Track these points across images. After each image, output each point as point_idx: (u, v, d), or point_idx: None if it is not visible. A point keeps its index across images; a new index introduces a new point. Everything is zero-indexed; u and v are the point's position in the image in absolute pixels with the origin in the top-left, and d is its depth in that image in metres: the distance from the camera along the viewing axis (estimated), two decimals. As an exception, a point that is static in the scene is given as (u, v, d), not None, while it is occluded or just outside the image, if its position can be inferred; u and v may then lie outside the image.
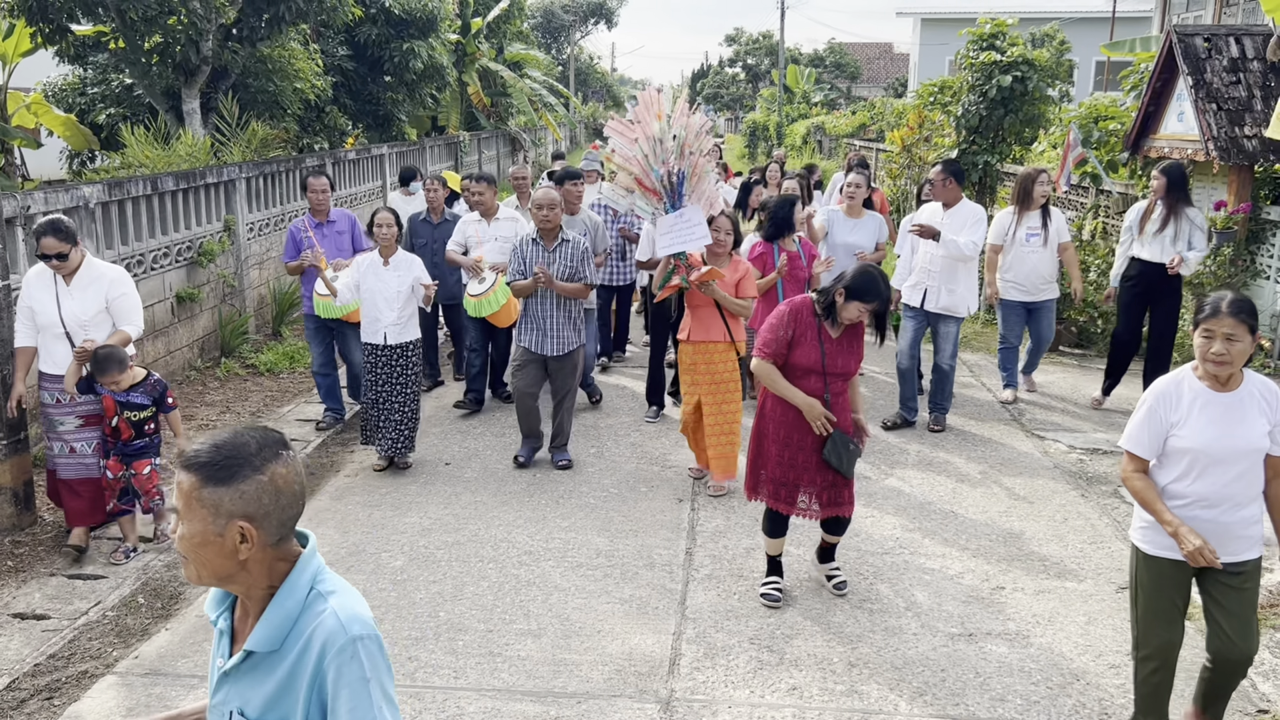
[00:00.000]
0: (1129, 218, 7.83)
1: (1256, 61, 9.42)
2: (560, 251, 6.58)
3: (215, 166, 9.83)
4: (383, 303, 6.57)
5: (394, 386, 6.64)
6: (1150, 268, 7.56)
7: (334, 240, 7.56)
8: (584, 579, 5.18)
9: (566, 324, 6.65)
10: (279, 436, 1.87)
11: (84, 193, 7.41)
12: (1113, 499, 6.26)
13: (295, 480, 1.86)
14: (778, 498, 4.78)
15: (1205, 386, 3.41)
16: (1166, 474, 3.48)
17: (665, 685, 4.21)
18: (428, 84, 17.50)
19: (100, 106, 13.64)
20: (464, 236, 7.96)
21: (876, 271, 4.55)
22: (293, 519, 1.87)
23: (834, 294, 4.56)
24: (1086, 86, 30.53)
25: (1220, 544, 3.38)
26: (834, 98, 43.19)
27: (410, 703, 4.07)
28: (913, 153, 14.72)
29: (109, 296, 5.37)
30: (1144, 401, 3.50)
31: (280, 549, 1.86)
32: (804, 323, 4.64)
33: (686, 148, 6.19)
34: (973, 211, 7.36)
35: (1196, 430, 3.38)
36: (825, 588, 5.03)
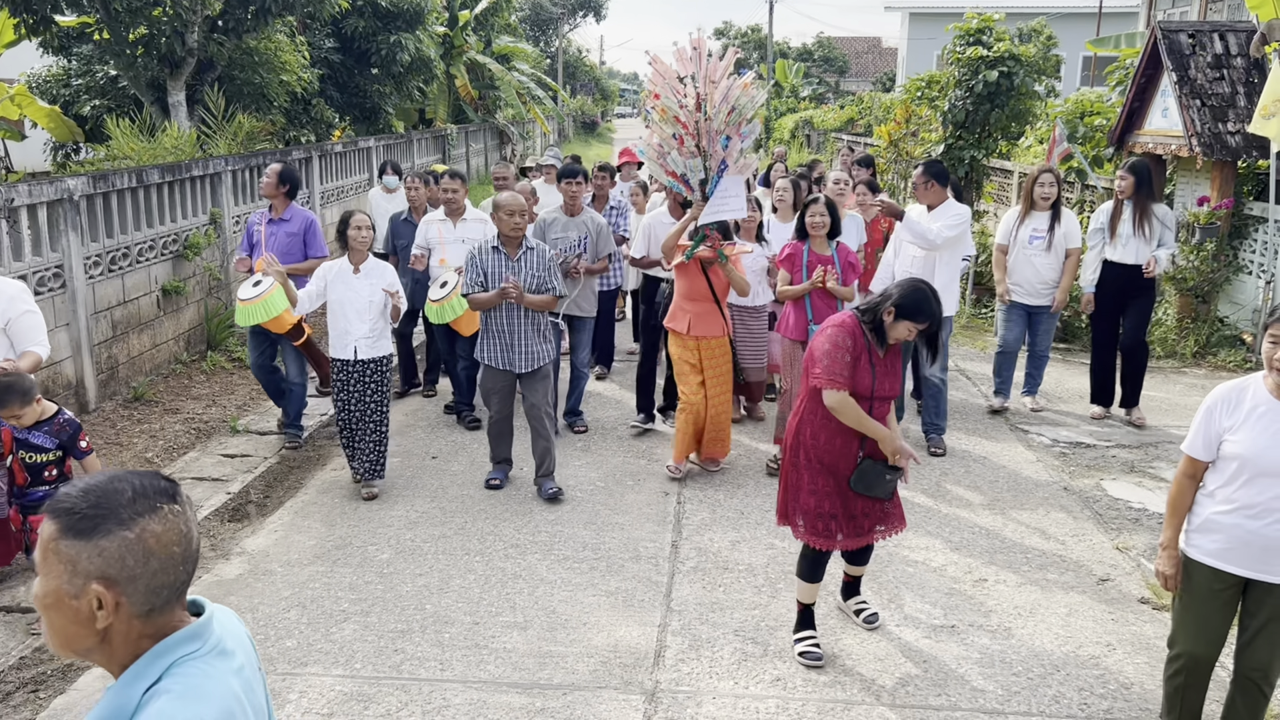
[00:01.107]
0: (1097, 220, 7.59)
1: (1240, 58, 9.49)
2: (525, 261, 6.00)
3: (201, 159, 9.79)
4: (353, 314, 6.01)
5: (366, 406, 6.10)
6: (1124, 270, 7.37)
7: (282, 241, 6.93)
8: (570, 572, 5.20)
9: (535, 336, 6.09)
10: (166, 486, 1.59)
11: (68, 185, 7.38)
12: (1095, 492, 6.32)
13: (175, 540, 1.56)
14: (814, 530, 4.27)
15: (1269, 394, 3.29)
16: (1217, 478, 3.41)
17: (650, 677, 4.24)
18: (415, 76, 17.46)
19: (85, 98, 13.56)
20: (426, 239, 7.49)
21: (927, 288, 4.13)
22: (170, 587, 1.56)
23: (881, 313, 4.13)
24: (1073, 82, 30.65)
25: (1269, 559, 3.32)
26: (822, 92, 43.19)
27: (396, 695, 4.09)
28: (900, 147, 14.76)
29: (7, 315, 4.72)
30: (1204, 403, 3.44)
31: (152, 622, 1.55)
32: (859, 345, 4.15)
33: (745, 117, 5.93)
34: (957, 212, 7.02)
35: (1249, 437, 3.28)
36: (855, 623, 4.66)
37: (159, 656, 1.54)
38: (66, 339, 7.34)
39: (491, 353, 6.09)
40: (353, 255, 6.04)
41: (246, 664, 1.68)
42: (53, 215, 7.26)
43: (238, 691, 1.59)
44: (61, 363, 7.28)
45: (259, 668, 1.78)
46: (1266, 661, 3.41)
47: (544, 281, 6.01)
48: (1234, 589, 3.42)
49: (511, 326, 6.02)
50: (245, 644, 1.73)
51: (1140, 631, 4.62)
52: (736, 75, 6.00)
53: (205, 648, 1.59)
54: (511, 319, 6.01)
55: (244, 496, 6.25)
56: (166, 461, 6.74)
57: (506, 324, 6.03)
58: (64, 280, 7.32)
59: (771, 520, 5.83)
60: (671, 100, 5.89)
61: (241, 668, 1.65)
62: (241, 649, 1.69)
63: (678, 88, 5.89)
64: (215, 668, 1.58)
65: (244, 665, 1.66)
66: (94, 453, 4.74)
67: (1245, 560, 3.35)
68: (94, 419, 7.41)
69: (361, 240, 6.00)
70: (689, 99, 5.86)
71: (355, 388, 6.10)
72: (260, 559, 5.37)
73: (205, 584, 5.09)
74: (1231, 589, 3.42)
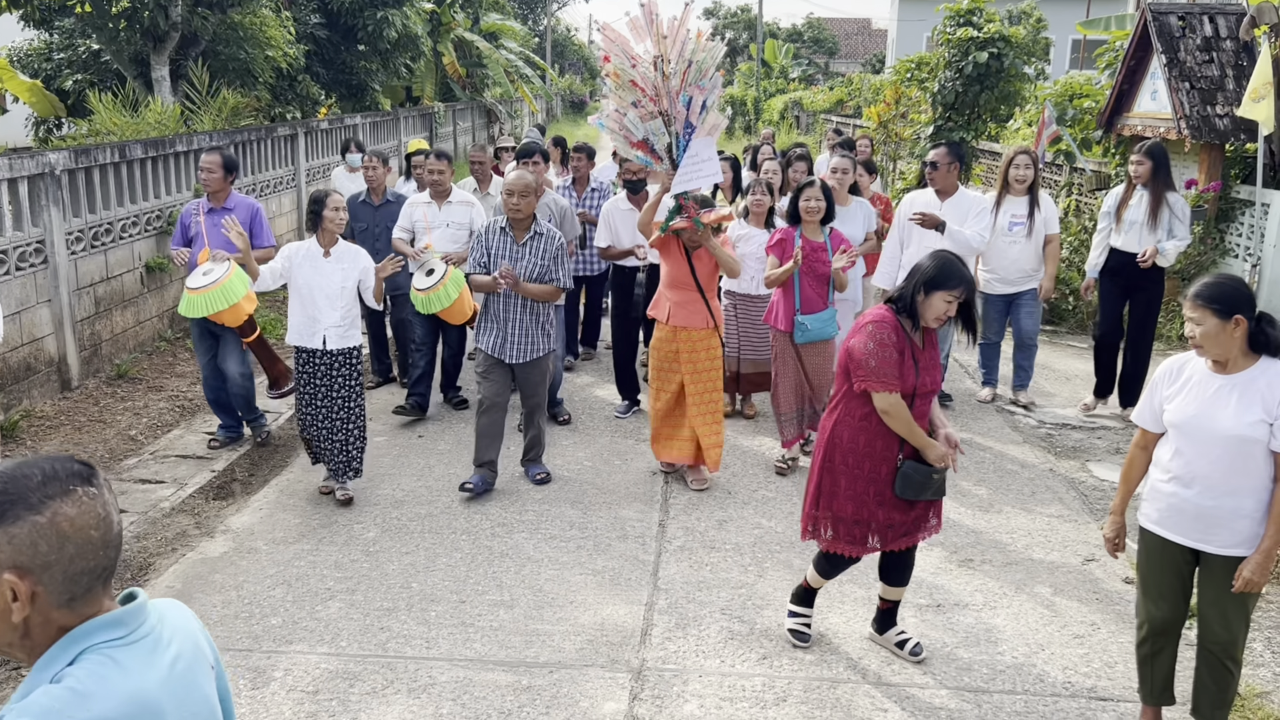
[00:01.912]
0: (1106, 204, 7.22)
1: (1230, 40, 9.48)
2: (531, 246, 5.70)
3: (185, 135, 9.69)
4: (323, 300, 5.57)
5: (334, 401, 5.65)
6: (1131, 259, 6.98)
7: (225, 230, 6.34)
8: (557, 550, 5.19)
9: (534, 327, 5.78)
10: (80, 469, 1.50)
11: (50, 159, 7.29)
12: (1081, 473, 6.34)
13: (92, 523, 1.47)
14: (851, 539, 4.02)
15: (1207, 367, 3.38)
16: (1162, 448, 3.52)
17: (637, 655, 4.24)
18: (402, 53, 17.30)
19: (67, 72, 13.40)
20: (411, 221, 7.03)
21: (952, 255, 3.92)
22: (90, 573, 1.48)
23: (911, 293, 3.85)
24: (1062, 64, 30.65)
25: (1202, 530, 3.38)
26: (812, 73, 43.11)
27: (382, 673, 4.08)
28: (889, 129, 14.73)
29: None
30: (1153, 375, 3.57)
31: (75, 612, 1.48)
32: (902, 339, 3.88)
33: (708, 73, 5.50)
34: (974, 201, 6.79)
35: (1180, 406, 3.40)
36: (900, 657, 4.22)
37: (72, 642, 1.46)
38: (48, 315, 7.27)
39: (488, 339, 5.80)
40: (324, 237, 5.61)
41: (186, 658, 1.60)
42: (34, 190, 7.18)
43: (153, 689, 1.49)
44: (43, 339, 7.21)
45: (212, 664, 1.69)
46: (1224, 635, 3.44)
47: (548, 271, 5.71)
48: (1185, 557, 3.49)
49: (508, 315, 5.74)
50: (191, 639, 1.64)
51: (1124, 611, 4.64)
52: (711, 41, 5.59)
53: (130, 636, 1.50)
54: (509, 307, 5.73)
55: (229, 474, 6.21)
56: (150, 439, 6.69)
57: (503, 311, 5.74)
58: (45, 256, 7.24)
59: (759, 500, 5.84)
60: (625, 64, 5.45)
61: (176, 660, 1.56)
62: (183, 643, 1.61)
63: (631, 51, 5.46)
64: (132, 659, 1.49)
65: (180, 658, 1.58)
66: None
67: (1184, 528, 3.43)
68: (77, 396, 7.35)
69: (338, 222, 5.61)
70: (645, 61, 5.43)
71: (323, 381, 5.66)
72: (245, 537, 5.35)
73: (190, 562, 5.06)
74: (1183, 557, 3.49)
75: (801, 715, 3.85)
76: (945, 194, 6.73)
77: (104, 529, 1.49)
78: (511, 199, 5.60)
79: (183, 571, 4.97)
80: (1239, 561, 3.36)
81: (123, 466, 6.23)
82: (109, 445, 6.55)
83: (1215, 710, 3.56)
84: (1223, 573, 3.40)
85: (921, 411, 3.95)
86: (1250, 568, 3.31)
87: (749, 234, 6.88)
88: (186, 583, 4.85)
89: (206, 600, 4.67)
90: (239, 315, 6.07)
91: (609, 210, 7.02)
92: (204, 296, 5.89)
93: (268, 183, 11.75)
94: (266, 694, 3.94)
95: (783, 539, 5.33)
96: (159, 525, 5.45)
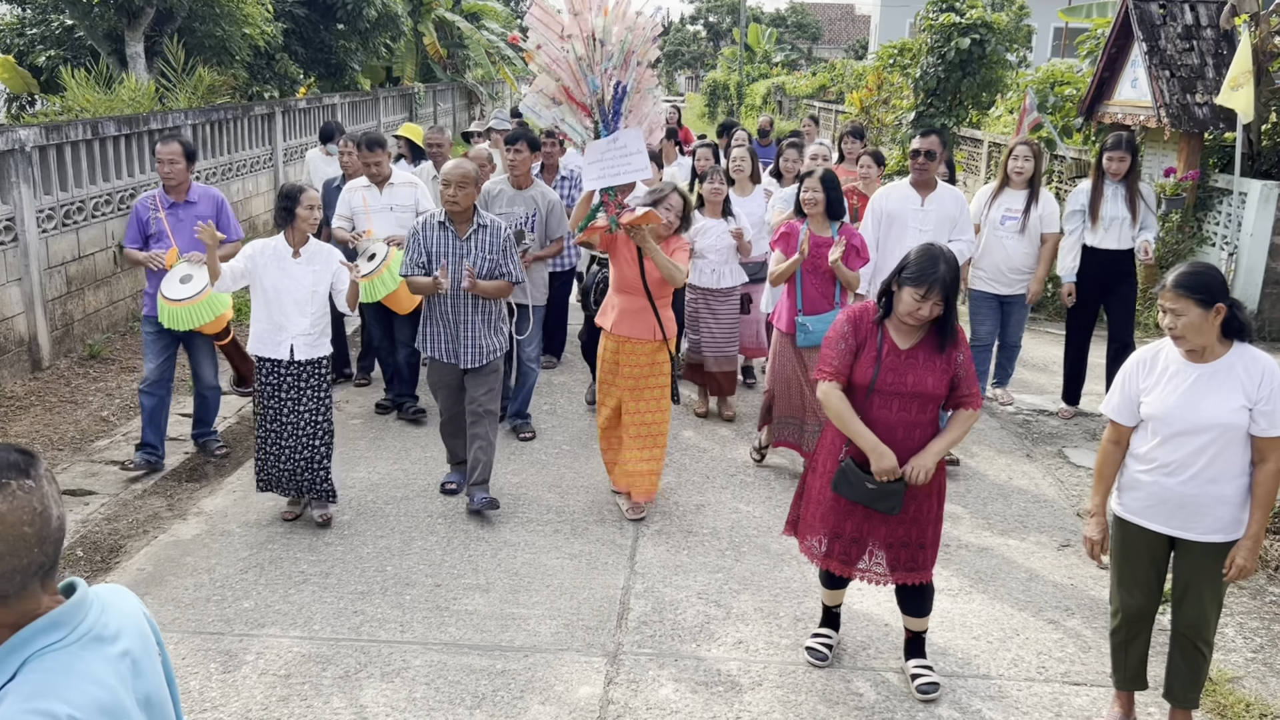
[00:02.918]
0: (1076, 202, 6.71)
1: (1210, 29, 9.50)
2: (476, 240, 5.15)
3: (160, 112, 9.56)
4: (292, 306, 4.99)
5: (300, 416, 5.09)
6: (1109, 257, 6.61)
7: (191, 225, 5.67)
8: (534, 534, 5.17)
9: (484, 328, 5.24)
10: (16, 459, 1.42)
11: (20, 136, 7.16)
12: (1056, 459, 6.37)
13: (25, 519, 1.39)
14: (830, 555, 3.83)
15: (1180, 356, 3.35)
16: (1140, 440, 3.47)
17: (613, 639, 4.23)
18: (382, 33, 17.14)
19: (40, 48, 13.19)
20: (349, 207, 6.60)
21: (938, 250, 3.55)
22: (23, 571, 1.40)
23: (888, 284, 3.65)
24: (1044, 52, 30.71)
25: (1186, 517, 3.37)
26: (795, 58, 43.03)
27: (355, 656, 4.05)
28: (871, 114, 14.72)
29: None
30: (1122, 368, 3.52)
31: (10, 609, 1.41)
32: (864, 330, 3.67)
33: (632, 56, 4.90)
34: (957, 201, 6.14)
35: (1159, 398, 3.36)
36: (910, 689, 3.93)
37: (13, 651, 1.39)
38: (18, 294, 7.17)
39: (434, 343, 5.29)
40: (294, 235, 5.02)
41: (134, 649, 1.54)
42: (3, 166, 7.06)
43: (110, 683, 1.44)
44: (13, 319, 7.11)
45: (158, 652, 1.64)
46: (1198, 619, 3.47)
47: (497, 265, 5.19)
48: (1162, 546, 3.49)
49: (457, 316, 5.19)
50: (136, 627, 1.59)
51: (1099, 596, 4.66)
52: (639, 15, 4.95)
53: (71, 636, 1.44)
54: (457, 307, 5.17)
55: (201, 457, 6.15)
56: (122, 420, 6.61)
57: (451, 312, 5.19)
58: (15, 234, 7.13)
59: (737, 485, 5.84)
60: (554, 45, 4.85)
61: (125, 654, 1.51)
62: (129, 633, 1.55)
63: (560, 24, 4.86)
64: (81, 659, 1.43)
65: (129, 651, 1.52)
66: None
67: (1166, 517, 3.42)
68: (48, 376, 7.25)
69: (312, 222, 5.03)
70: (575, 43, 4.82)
71: (289, 394, 5.07)
72: (218, 519, 5.29)
73: (161, 544, 5.00)
74: (1159, 546, 3.49)
75: (777, 699, 3.84)
76: (926, 189, 6.05)
77: (39, 524, 1.41)
78: (448, 190, 5.06)
79: (154, 554, 4.91)
80: (1218, 547, 3.37)
81: (94, 448, 6.16)
82: (80, 426, 6.47)
83: (1187, 693, 3.58)
84: (1202, 558, 3.40)
85: (903, 419, 3.63)
86: (1243, 554, 3.33)
87: (705, 225, 6.47)
88: (158, 565, 4.79)
89: (178, 583, 4.62)
90: (221, 324, 5.77)
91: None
92: (189, 310, 5.51)
93: (244, 162, 11.62)
94: (238, 677, 3.90)
95: (760, 524, 5.32)
96: (130, 507, 5.39)
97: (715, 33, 55.67)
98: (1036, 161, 6.56)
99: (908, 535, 3.77)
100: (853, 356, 3.67)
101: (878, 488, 3.62)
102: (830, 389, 3.67)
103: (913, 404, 3.62)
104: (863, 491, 3.65)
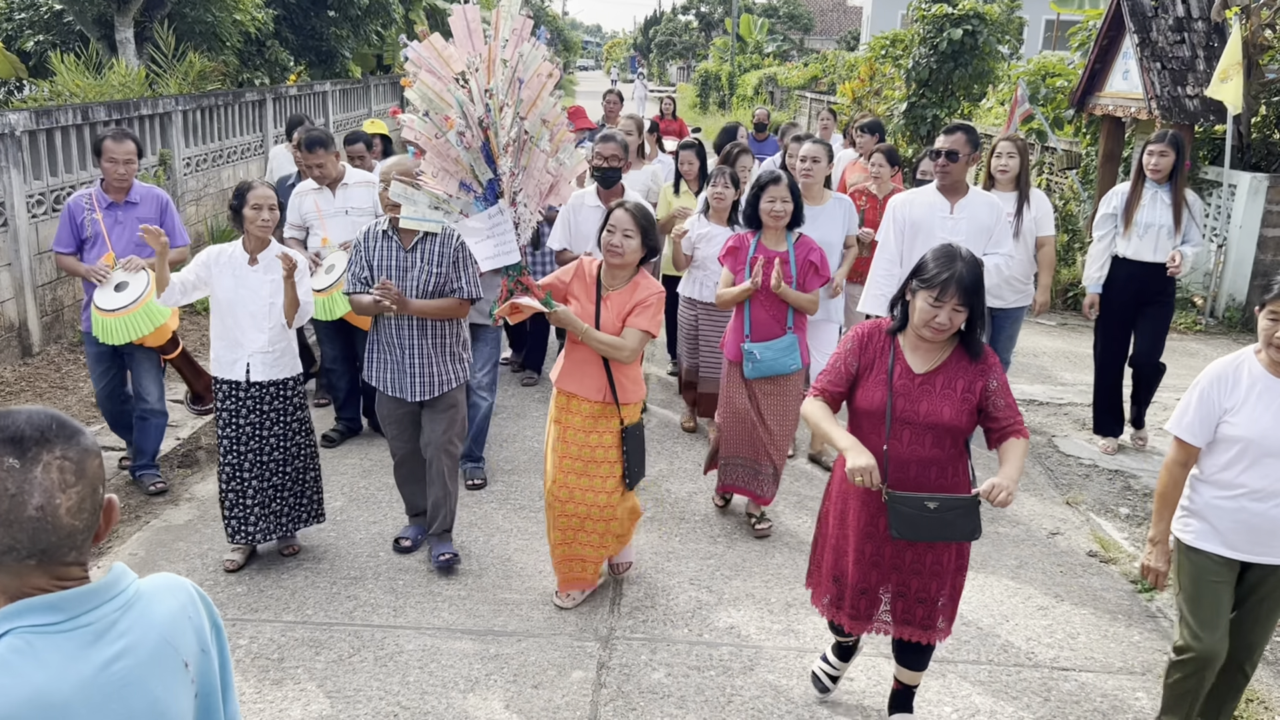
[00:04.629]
0: (1109, 205, 6.02)
1: (1201, 21, 9.54)
2: (424, 251, 4.37)
3: (150, 98, 9.51)
4: (248, 320, 4.42)
5: (264, 443, 4.50)
6: (1142, 270, 5.90)
7: (131, 229, 5.09)
8: (526, 521, 5.18)
9: (434, 354, 4.45)
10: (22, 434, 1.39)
11: (9, 120, 7.13)
12: (1047, 449, 6.40)
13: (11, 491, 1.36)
14: (856, 610, 3.34)
15: (1266, 371, 3.09)
16: (1214, 461, 3.17)
17: (605, 624, 4.24)
18: (373, 20, 17.07)
19: (28, 33, 13.09)
20: (300, 214, 5.92)
21: (958, 250, 3.10)
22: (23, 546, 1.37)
23: (902, 288, 3.20)
24: (1036, 45, 30.73)
25: (1267, 540, 3.14)
26: (786, 49, 42.97)
27: (348, 640, 4.06)
28: (863, 105, 14.74)
29: None
30: (1196, 384, 3.18)
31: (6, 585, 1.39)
32: (873, 349, 3.23)
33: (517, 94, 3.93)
34: (992, 209, 5.24)
35: (1251, 418, 3.06)
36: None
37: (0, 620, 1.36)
38: (8, 279, 7.14)
39: (380, 373, 4.53)
40: (250, 241, 4.45)
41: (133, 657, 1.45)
42: (-7, 151, 7.02)
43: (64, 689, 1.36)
44: (3, 304, 7.08)
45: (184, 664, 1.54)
46: (1253, 642, 3.32)
47: (446, 279, 4.38)
48: (1234, 572, 3.23)
49: (403, 340, 4.42)
50: (155, 633, 1.49)
51: (1087, 584, 4.71)
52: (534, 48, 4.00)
53: (68, 623, 1.39)
54: (403, 331, 4.41)
55: (194, 442, 6.14)
56: (114, 406, 6.59)
57: (397, 336, 4.43)
58: (5, 219, 7.10)
59: (728, 472, 5.84)
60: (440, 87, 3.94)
61: (116, 660, 1.42)
62: (141, 640, 1.47)
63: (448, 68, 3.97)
64: (55, 653, 1.37)
65: (123, 657, 1.43)
66: None
67: (1248, 544, 3.16)
68: (38, 362, 7.23)
69: (263, 224, 4.38)
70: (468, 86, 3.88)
71: (248, 420, 4.48)
72: (210, 505, 5.29)
73: (154, 529, 5.00)
74: (1233, 573, 3.22)
75: (768, 684, 3.87)
76: (954, 195, 5.23)
77: (24, 498, 1.36)
78: (387, 192, 4.33)
79: (146, 539, 4.91)
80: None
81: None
82: (71, 412, 6.45)
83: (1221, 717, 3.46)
84: (1273, 581, 3.21)
85: (916, 454, 3.14)
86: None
87: (710, 233, 5.72)
88: (150, 550, 4.79)
89: (170, 568, 4.62)
90: (164, 336, 5.16)
91: (572, 207, 5.81)
92: (124, 321, 4.94)
93: (234, 149, 11.57)
94: (231, 661, 3.90)
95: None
96: (122, 493, 5.38)
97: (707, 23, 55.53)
98: (1023, 158, 5.92)
99: (925, 589, 3.28)
100: (850, 379, 3.24)
101: (940, 504, 3.05)
102: (813, 402, 3.27)
103: (926, 436, 3.13)
104: (926, 518, 3.06)
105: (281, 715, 3.60)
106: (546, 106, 4.01)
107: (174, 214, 5.40)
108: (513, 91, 3.90)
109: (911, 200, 5.32)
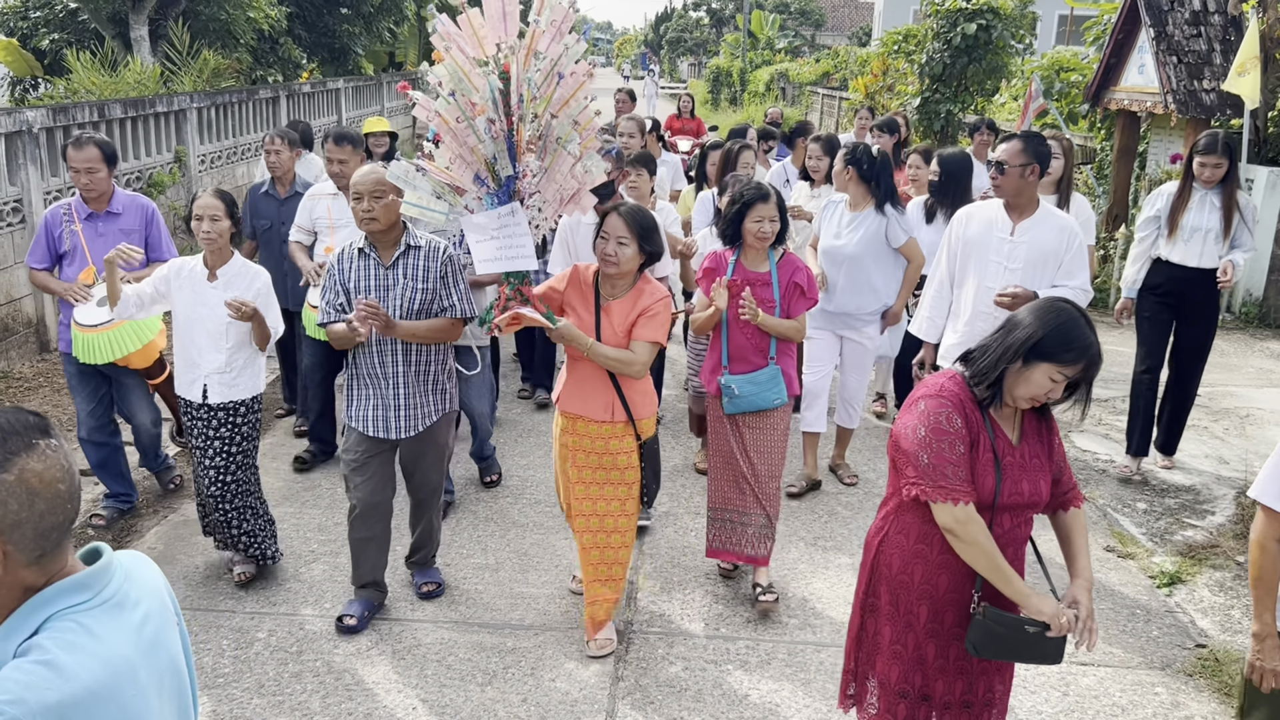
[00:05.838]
0: (1154, 207, 5.57)
1: (1218, 15, 9.49)
2: (405, 267, 3.92)
3: (165, 95, 9.56)
4: (205, 338, 4.16)
5: (208, 469, 4.25)
6: (1186, 275, 5.45)
7: (114, 241, 4.65)
8: (542, 515, 5.19)
9: (420, 386, 4.00)
10: (36, 421, 1.44)
11: (27, 117, 7.17)
12: (1064, 443, 6.37)
13: (59, 476, 1.43)
14: (894, 715, 2.76)
15: None
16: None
17: (622, 618, 4.25)
18: (385, 17, 17.13)
19: (44, 31, 13.18)
20: (311, 219, 5.52)
21: (1074, 308, 2.58)
22: (59, 528, 1.43)
23: (999, 358, 2.56)
24: (1049, 39, 30.62)
25: None
26: (798, 45, 42.92)
27: (367, 634, 4.08)
28: (876, 100, 14.71)
29: None
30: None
31: (43, 569, 1.43)
32: (974, 424, 2.58)
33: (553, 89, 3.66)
34: (1066, 228, 4.41)
35: None
36: None
37: (38, 608, 1.41)
38: (26, 276, 7.18)
39: (361, 411, 4.00)
40: (208, 255, 4.17)
41: (155, 618, 1.56)
42: (11, 148, 7.07)
43: (126, 654, 1.45)
44: (21, 300, 7.13)
45: (176, 621, 1.66)
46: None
47: (434, 297, 3.95)
48: None
49: (385, 371, 3.95)
50: (157, 596, 1.60)
51: (1105, 579, 4.69)
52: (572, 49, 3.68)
53: (96, 599, 1.46)
54: (385, 357, 3.93)
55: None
56: (131, 402, 6.62)
57: (380, 365, 3.95)
58: (23, 215, 7.15)
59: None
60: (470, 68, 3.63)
61: (145, 621, 1.52)
62: (149, 601, 1.56)
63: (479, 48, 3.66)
64: (102, 625, 1.44)
65: (148, 619, 1.53)
66: None
67: None
68: (55, 358, 7.27)
69: (204, 235, 4.06)
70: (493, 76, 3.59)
71: (198, 441, 4.27)
72: (228, 499, 5.31)
73: (172, 523, 5.03)
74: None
75: (785, 678, 3.87)
76: (1020, 213, 4.42)
77: (69, 481, 1.45)
78: (361, 204, 3.82)
79: (165, 533, 4.94)
80: None
81: (103, 429, 6.17)
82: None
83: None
84: None
85: (1015, 537, 2.66)
86: None
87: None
88: (169, 544, 4.82)
89: (189, 562, 4.65)
90: (150, 355, 4.85)
91: (569, 226, 5.23)
92: (107, 337, 4.62)
93: (249, 146, 11.62)
94: (250, 654, 3.93)
95: None
96: (140, 487, 5.41)
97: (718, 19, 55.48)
98: (1066, 159, 5.51)
99: (991, 690, 2.80)
100: (969, 460, 2.57)
101: (1038, 630, 2.56)
102: (966, 515, 2.52)
103: (1021, 518, 2.67)
104: (1021, 640, 2.59)
105: (301, 707, 3.62)
106: (579, 107, 3.73)
107: (160, 224, 5.02)
108: (548, 85, 3.63)
109: (971, 215, 4.62)
